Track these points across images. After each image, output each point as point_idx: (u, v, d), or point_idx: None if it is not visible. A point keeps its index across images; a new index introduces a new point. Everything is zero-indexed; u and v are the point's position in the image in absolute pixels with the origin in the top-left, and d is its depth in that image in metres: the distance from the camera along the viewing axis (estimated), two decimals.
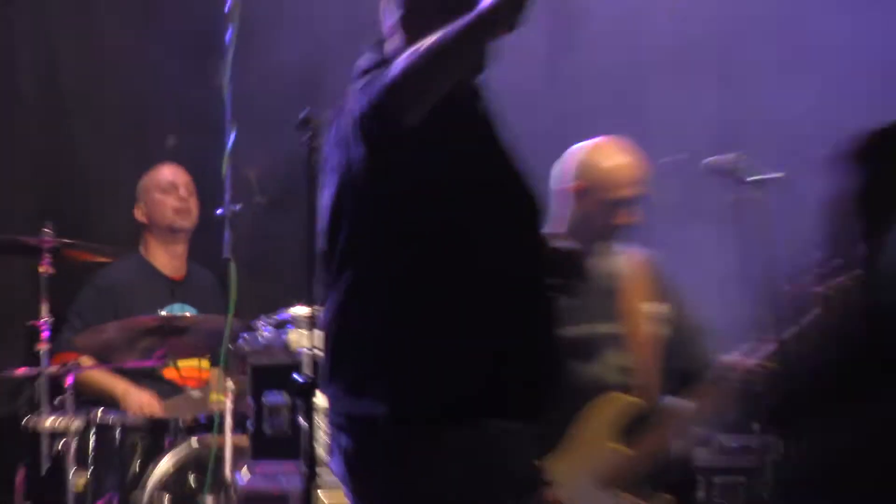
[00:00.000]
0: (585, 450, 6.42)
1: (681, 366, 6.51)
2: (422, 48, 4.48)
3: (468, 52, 4.58)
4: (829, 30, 9.46)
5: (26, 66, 10.18)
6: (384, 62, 4.61)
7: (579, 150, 6.67)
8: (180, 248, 8.73)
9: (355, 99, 4.57)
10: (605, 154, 6.63)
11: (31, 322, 7.66)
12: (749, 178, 6.54)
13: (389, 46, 4.79)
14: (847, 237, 4.83)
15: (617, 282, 6.65)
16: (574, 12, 8.31)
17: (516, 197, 4.80)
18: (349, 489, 4.70)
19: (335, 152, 4.69)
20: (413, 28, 4.71)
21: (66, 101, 9.94)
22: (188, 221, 8.57)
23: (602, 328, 6.47)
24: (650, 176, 6.65)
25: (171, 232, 8.59)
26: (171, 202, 8.63)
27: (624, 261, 6.67)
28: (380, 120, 4.53)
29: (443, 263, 4.64)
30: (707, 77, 10.04)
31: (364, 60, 4.82)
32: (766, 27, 9.96)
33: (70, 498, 7.35)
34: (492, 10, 4.38)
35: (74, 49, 9.97)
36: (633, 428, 6.37)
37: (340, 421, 4.68)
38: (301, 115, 5.53)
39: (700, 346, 6.68)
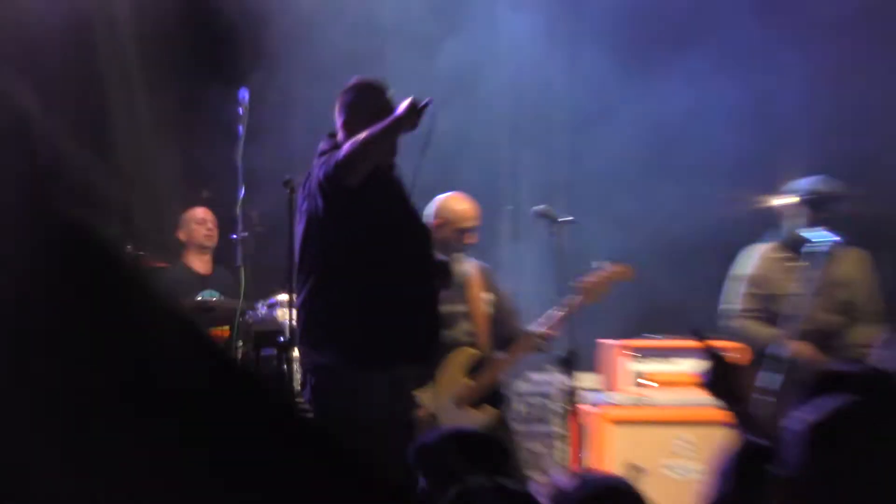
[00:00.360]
0: (446, 383, 8.95)
1: (503, 332, 9.17)
2: (357, 141, 7.13)
3: (385, 143, 7.32)
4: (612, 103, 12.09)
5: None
6: (335, 147, 7.23)
7: (439, 198, 9.16)
8: (207, 257, 11.53)
9: (317, 169, 7.18)
10: (454, 200, 9.11)
11: None
12: (559, 220, 9.22)
13: (338, 137, 7.35)
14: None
15: (465, 279, 9.15)
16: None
17: (413, 228, 7.51)
18: (314, 410, 7.31)
19: (305, 202, 7.31)
20: (351, 128, 7.27)
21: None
22: (212, 242, 11.44)
23: (457, 308, 8.95)
24: (481, 214, 9.25)
25: (201, 248, 11.43)
26: (202, 230, 11.45)
27: (469, 267, 9.18)
28: (332, 184, 7.07)
29: (369, 270, 7.43)
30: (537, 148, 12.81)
31: (323, 144, 7.43)
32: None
33: None
34: (399, 119, 6.97)
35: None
36: (475, 369, 8.99)
37: (308, 367, 7.37)
38: (284, 179, 8.33)
39: (514, 320, 9.35)
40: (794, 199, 9.74)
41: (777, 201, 10.14)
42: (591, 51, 12.11)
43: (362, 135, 7.30)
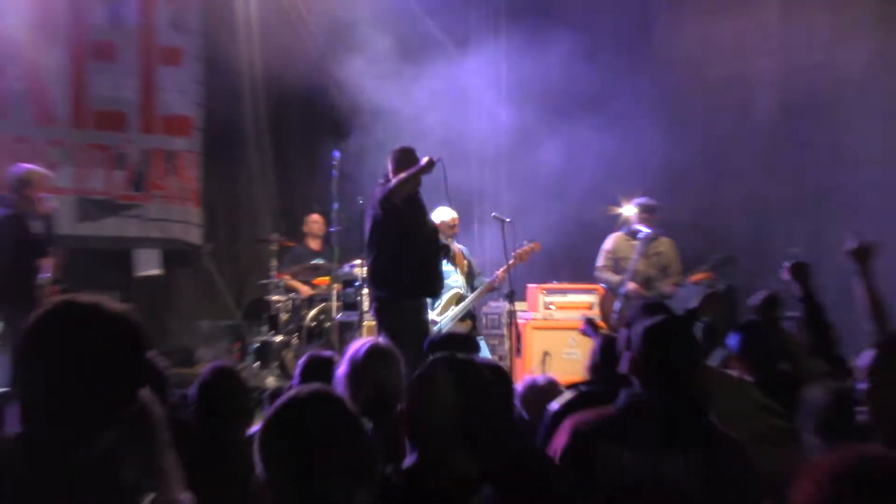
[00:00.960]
0: (445, 307, 11.76)
1: (473, 281, 12.03)
2: (399, 179, 9.98)
3: (413, 181, 10.08)
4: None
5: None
6: (386, 181, 10.17)
7: (438, 209, 11.53)
8: (319, 241, 14.40)
9: (376, 193, 10.20)
10: (446, 211, 11.88)
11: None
12: (505, 220, 11.79)
13: (389, 177, 10.25)
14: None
15: (454, 252, 11.95)
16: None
17: (428, 226, 10.56)
18: (377, 320, 10.33)
19: (369, 212, 10.32)
20: (395, 172, 10.15)
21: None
22: (321, 232, 14.27)
23: (449, 267, 11.73)
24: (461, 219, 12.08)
25: (314, 236, 14.50)
26: (315, 226, 14.60)
27: (456, 246, 12.08)
28: (385, 201, 10.12)
29: (405, 247, 10.32)
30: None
31: (381, 180, 10.32)
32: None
33: None
34: (421, 168, 9.97)
35: None
36: (459, 300, 11.84)
37: (372, 297, 10.61)
38: (359, 199, 11.54)
39: (479, 275, 12.24)
40: (633, 209, 12.80)
41: (624, 209, 12.93)
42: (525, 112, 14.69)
43: (402, 175, 10.19)
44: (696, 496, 4.61)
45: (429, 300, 11.11)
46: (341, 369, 5.74)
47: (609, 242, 13.01)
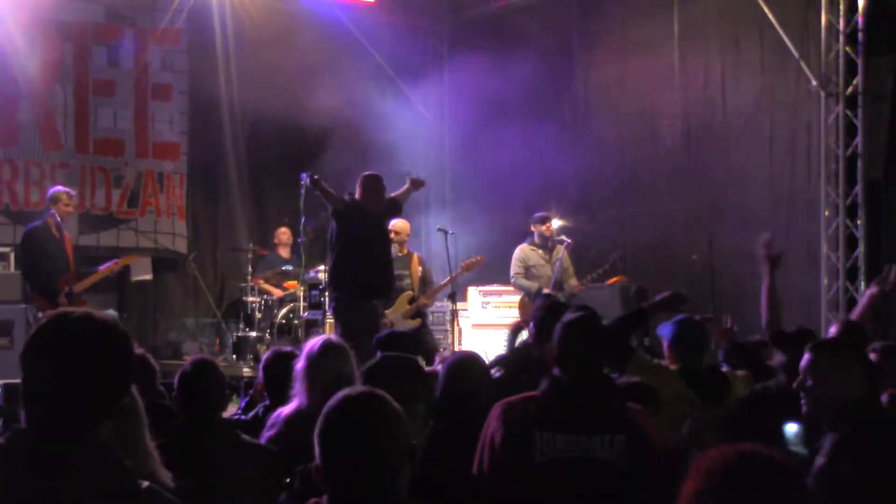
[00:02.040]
0: (398, 307, 11.97)
1: (424, 285, 12.35)
2: (394, 197, 10.77)
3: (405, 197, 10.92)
4: None
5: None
6: (351, 199, 10.50)
7: (393, 221, 11.52)
8: (288, 249, 14.50)
9: (338, 207, 10.61)
10: (401, 222, 12.06)
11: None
12: (449, 231, 12.37)
13: (356, 196, 10.51)
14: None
15: (408, 258, 12.29)
16: None
17: (381, 236, 10.93)
18: (334, 321, 10.67)
19: (330, 223, 10.73)
20: (361, 195, 10.47)
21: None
22: (289, 243, 14.32)
23: (404, 272, 12.10)
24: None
25: (284, 245, 14.56)
26: (284, 237, 14.58)
27: (409, 253, 12.46)
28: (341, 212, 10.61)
29: (357, 254, 10.47)
30: None
31: (345, 196, 10.60)
32: None
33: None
34: (412, 189, 10.86)
35: None
36: (411, 301, 12.15)
37: (331, 298, 10.82)
38: (322, 213, 11.50)
39: (430, 278, 12.51)
40: (535, 223, 12.89)
41: (534, 223, 12.92)
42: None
43: (400, 192, 10.87)
44: (625, 473, 4.59)
45: (383, 301, 11.16)
46: (299, 364, 5.72)
47: (517, 252, 12.97)
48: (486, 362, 6.82)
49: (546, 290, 12.37)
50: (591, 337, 4.90)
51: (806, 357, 4.55)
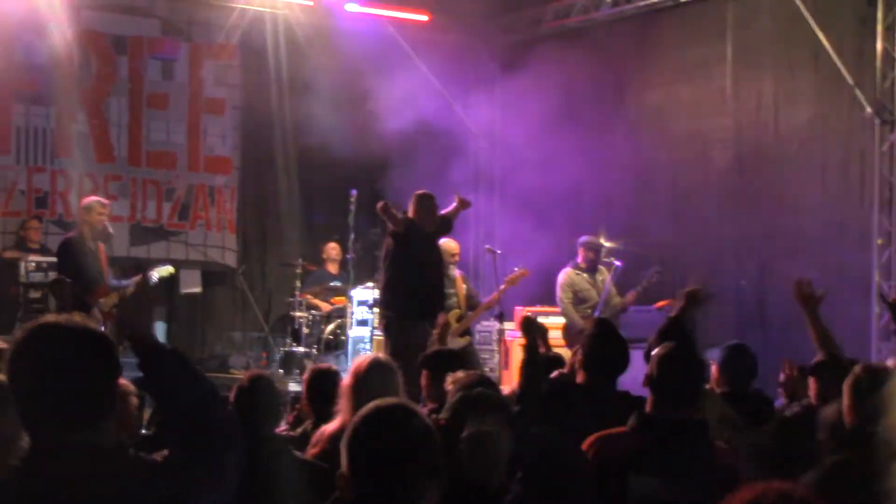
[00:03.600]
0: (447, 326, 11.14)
1: (471, 303, 12.38)
2: (445, 216, 10.99)
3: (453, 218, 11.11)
4: None
5: None
6: (404, 216, 10.76)
7: (441, 241, 11.53)
8: (336, 265, 14.49)
9: (390, 226, 10.93)
10: (448, 242, 11.95)
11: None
12: (496, 251, 12.92)
13: (409, 213, 10.76)
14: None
15: (454, 278, 12.14)
16: None
17: (434, 257, 11.20)
18: (384, 339, 11.17)
19: (384, 241, 11.08)
20: (415, 213, 10.77)
21: None
22: (338, 259, 14.37)
23: (451, 291, 11.95)
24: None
25: (333, 261, 14.57)
26: (333, 254, 14.63)
27: (456, 272, 12.34)
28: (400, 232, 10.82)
29: (409, 274, 10.74)
30: None
31: (398, 214, 10.79)
32: None
33: None
34: (461, 208, 11.06)
35: None
36: (458, 320, 12.04)
37: (382, 316, 11.24)
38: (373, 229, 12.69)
39: (476, 298, 12.50)
40: (583, 246, 12.77)
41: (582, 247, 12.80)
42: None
43: (449, 210, 11.01)
44: None
45: (431, 320, 11.01)
46: (346, 380, 5.79)
47: (563, 277, 12.85)
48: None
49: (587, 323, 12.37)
50: (689, 370, 4.82)
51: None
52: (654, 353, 4.90)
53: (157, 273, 11.78)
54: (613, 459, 4.61)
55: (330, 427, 5.68)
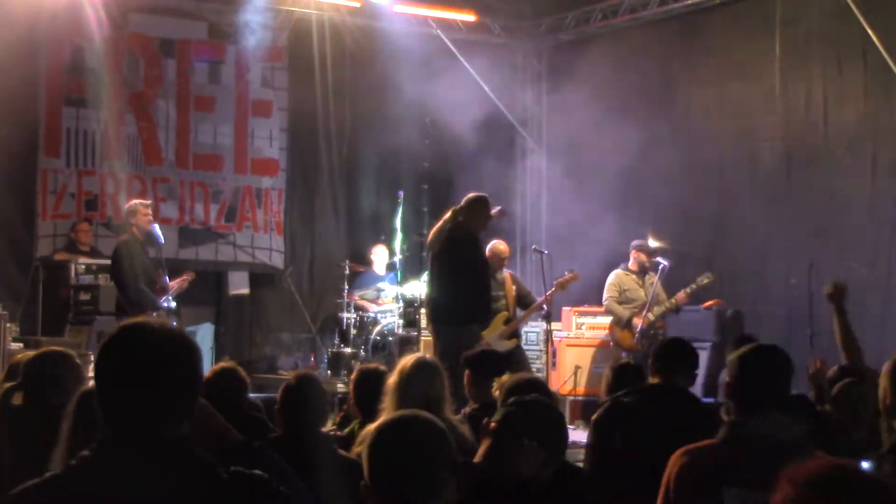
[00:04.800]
0: (494, 328, 11.65)
1: (521, 303, 12.13)
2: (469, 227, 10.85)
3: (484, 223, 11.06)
4: None
5: None
6: (455, 219, 10.67)
7: (491, 243, 11.84)
8: (383, 267, 14.51)
9: (444, 230, 10.77)
10: (498, 244, 12.06)
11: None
12: (544, 251, 12.70)
13: (461, 218, 10.69)
14: None
15: (503, 278, 12.08)
16: None
17: (482, 262, 11.13)
18: (434, 341, 10.89)
19: (436, 246, 10.75)
20: (467, 215, 10.74)
21: None
22: (386, 261, 14.34)
23: (499, 293, 11.78)
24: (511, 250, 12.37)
25: (379, 263, 14.55)
26: (380, 257, 14.49)
27: (505, 273, 12.16)
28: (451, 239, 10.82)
29: (459, 279, 10.64)
30: None
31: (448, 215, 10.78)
32: None
33: None
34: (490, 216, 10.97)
35: None
36: (507, 321, 11.79)
37: (429, 319, 11.12)
38: (419, 232, 12.77)
39: (526, 298, 12.22)
40: (635, 249, 13.00)
41: (634, 250, 12.97)
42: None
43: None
44: None
45: (481, 323, 11.29)
46: (391, 378, 5.86)
47: (612, 277, 13.08)
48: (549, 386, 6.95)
49: (635, 319, 12.66)
50: (776, 373, 4.41)
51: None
52: (733, 356, 4.48)
53: None
54: (703, 473, 4.29)
55: (374, 425, 5.70)
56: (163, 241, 12.05)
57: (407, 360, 6.00)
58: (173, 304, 11.96)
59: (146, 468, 2.87)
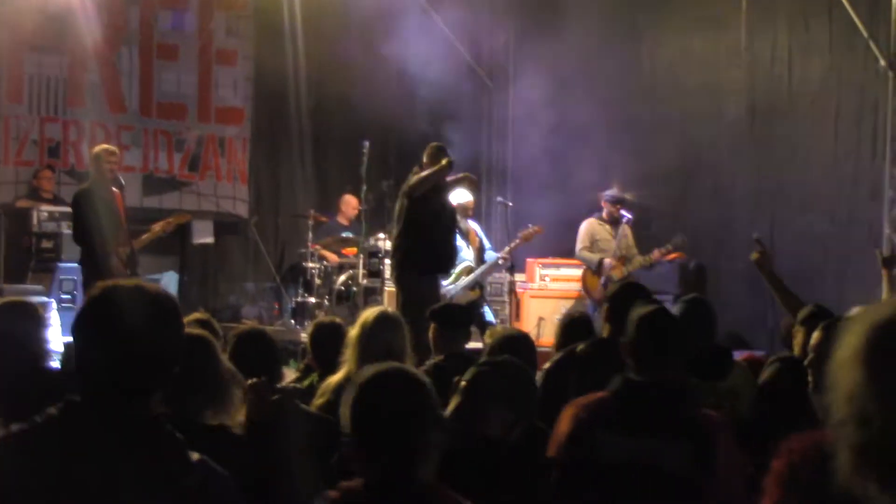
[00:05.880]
0: (457, 278, 12.04)
1: (482, 257, 12.27)
2: (418, 178, 10.50)
3: (432, 179, 10.45)
4: None
5: None
6: (416, 173, 10.63)
7: (456, 194, 11.27)
8: (347, 217, 14.74)
9: (409, 180, 10.70)
10: (463, 195, 11.72)
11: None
12: (508, 203, 13.10)
13: (423, 166, 10.64)
14: None
15: (468, 230, 12.18)
16: None
17: (447, 213, 11.02)
18: (398, 287, 10.96)
19: (400, 196, 10.87)
20: (427, 165, 10.55)
21: None
22: (354, 214, 14.32)
23: (462, 244, 11.97)
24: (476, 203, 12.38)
25: (346, 214, 14.68)
26: (349, 208, 14.47)
27: (470, 224, 12.25)
28: (408, 193, 10.62)
29: (423, 231, 10.58)
30: None
31: (415, 168, 10.66)
32: None
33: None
34: (438, 170, 10.44)
35: None
36: (469, 272, 12.14)
37: (393, 270, 11.09)
38: (386, 182, 13.14)
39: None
40: (607, 200, 13.00)
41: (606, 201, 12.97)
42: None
43: (424, 174, 10.59)
44: (690, 481, 4.38)
45: (443, 274, 11.33)
46: (353, 331, 5.85)
47: (585, 226, 13.08)
48: (535, 341, 7.00)
49: (607, 260, 12.65)
50: (668, 334, 4.63)
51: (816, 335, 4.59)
52: (631, 314, 4.71)
53: None
54: (588, 420, 4.51)
55: (335, 378, 5.74)
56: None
57: (369, 314, 5.99)
58: None
59: (110, 428, 2.83)
